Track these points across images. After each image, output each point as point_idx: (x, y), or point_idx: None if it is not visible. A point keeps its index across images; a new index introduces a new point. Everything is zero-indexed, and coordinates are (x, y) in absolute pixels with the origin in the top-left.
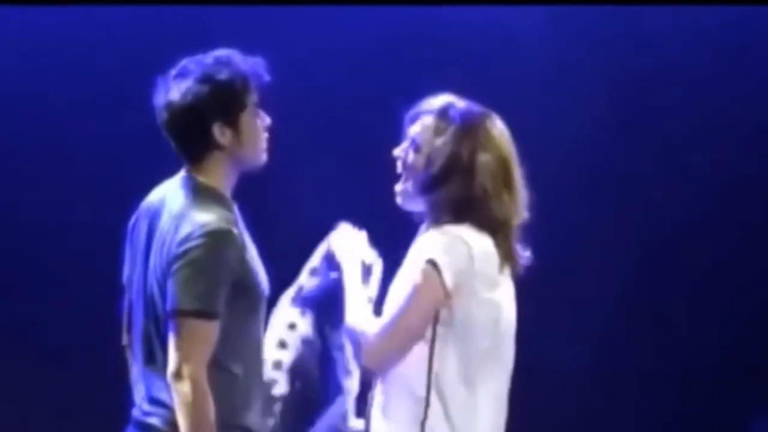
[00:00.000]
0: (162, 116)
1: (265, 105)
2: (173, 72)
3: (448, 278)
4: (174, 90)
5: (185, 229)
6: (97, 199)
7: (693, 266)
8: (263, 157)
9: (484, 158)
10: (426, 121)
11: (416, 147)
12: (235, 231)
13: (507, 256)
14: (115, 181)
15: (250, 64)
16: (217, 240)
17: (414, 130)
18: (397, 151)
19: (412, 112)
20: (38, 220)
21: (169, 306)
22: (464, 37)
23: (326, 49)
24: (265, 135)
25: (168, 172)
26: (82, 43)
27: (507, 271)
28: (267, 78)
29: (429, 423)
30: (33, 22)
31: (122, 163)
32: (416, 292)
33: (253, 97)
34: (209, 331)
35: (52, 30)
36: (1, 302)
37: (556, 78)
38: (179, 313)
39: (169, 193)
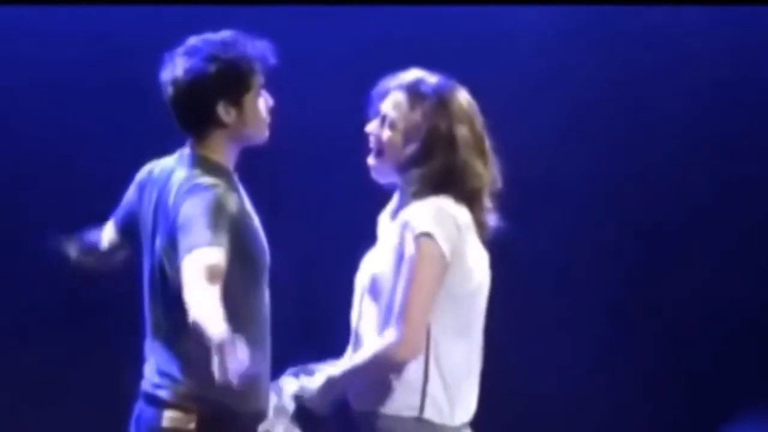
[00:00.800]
0: (168, 92)
1: (269, 87)
2: (180, 49)
3: (445, 247)
4: (181, 67)
5: (183, 189)
6: (98, 197)
7: (691, 266)
8: (265, 135)
9: (462, 130)
10: (398, 97)
11: (391, 124)
12: (233, 194)
13: (480, 224)
14: (116, 178)
15: (257, 46)
16: (213, 194)
17: (386, 106)
18: (370, 128)
19: (380, 88)
20: (39, 217)
21: (180, 256)
22: (460, 38)
23: (325, 49)
24: (268, 115)
25: None
26: (81, 43)
27: (479, 237)
28: (273, 60)
29: (429, 393)
30: (31, 21)
31: (122, 160)
32: (420, 268)
33: (258, 79)
34: (218, 256)
35: (50, 29)
36: (6, 297)
37: (556, 78)
38: (190, 254)
39: (174, 170)
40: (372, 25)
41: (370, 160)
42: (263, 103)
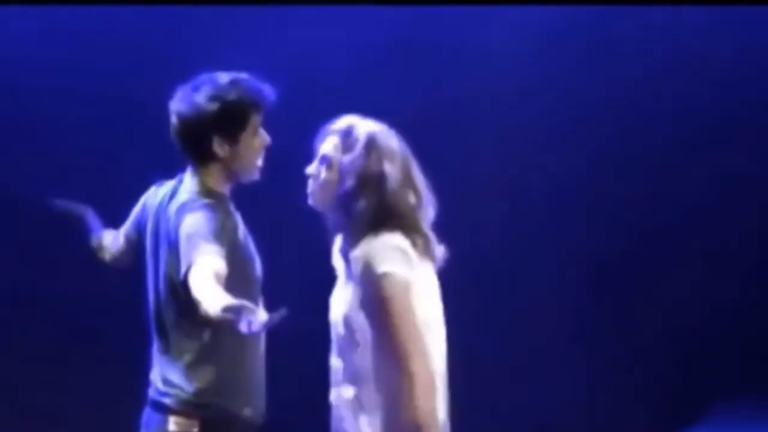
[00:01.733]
0: (173, 123)
1: (267, 125)
2: (190, 84)
3: (405, 274)
4: (186, 102)
5: (186, 207)
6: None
7: (676, 266)
8: (256, 173)
9: (390, 168)
10: (334, 141)
11: (328, 164)
12: (230, 215)
13: (424, 252)
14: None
15: (259, 88)
16: (213, 211)
17: (324, 148)
18: (310, 169)
19: (321, 133)
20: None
21: (186, 264)
22: (453, 40)
23: (322, 50)
24: (262, 153)
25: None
26: (83, 46)
27: (427, 265)
28: (273, 101)
29: None
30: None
31: (124, 161)
32: (394, 308)
33: (255, 119)
34: (221, 264)
35: (50, 29)
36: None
37: (556, 78)
38: (196, 263)
39: (175, 193)
40: (369, 26)
41: (311, 194)
42: (259, 140)
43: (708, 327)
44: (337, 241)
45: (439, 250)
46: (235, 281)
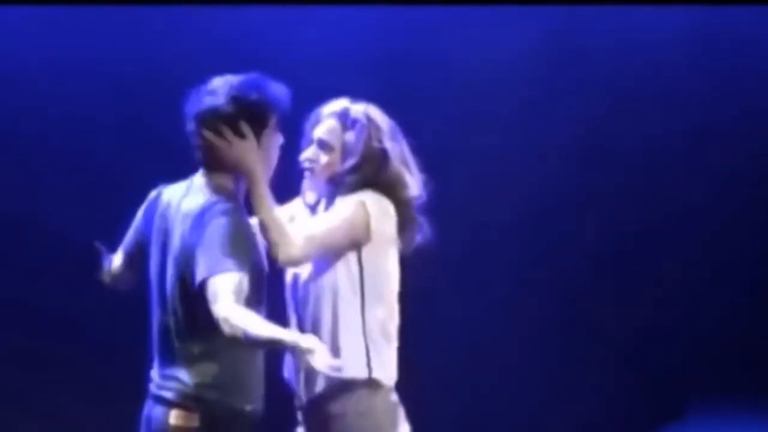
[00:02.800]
0: (191, 125)
1: (281, 126)
2: (205, 87)
3: (373, 222)
4: (205, 104)
5: (203, 209)
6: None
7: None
8: (269, 174)
9: (390, 144)
10: (331, 123)
11: (328, 147)
12: (244, 218)
13: (403, 227)
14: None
15: (275, 90)
16: (232, 212)
17: (320, 132)
18: (308, 154)
19: (311, 119)
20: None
21: (202, 275)
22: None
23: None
24: (278, 152)
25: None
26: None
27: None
28: (288, 103)
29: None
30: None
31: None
32: (345, 217)
33: (273, 120)
34: (244, 280)
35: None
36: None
37: (555, 77)
38: (211, 278)
39: (186, 196)
40: (369, 27)
41: (309, 177)
42: (275, 141)
43: (703, 327)
44: (307, 198)
45: (418, 238)
46: (249, 284)
